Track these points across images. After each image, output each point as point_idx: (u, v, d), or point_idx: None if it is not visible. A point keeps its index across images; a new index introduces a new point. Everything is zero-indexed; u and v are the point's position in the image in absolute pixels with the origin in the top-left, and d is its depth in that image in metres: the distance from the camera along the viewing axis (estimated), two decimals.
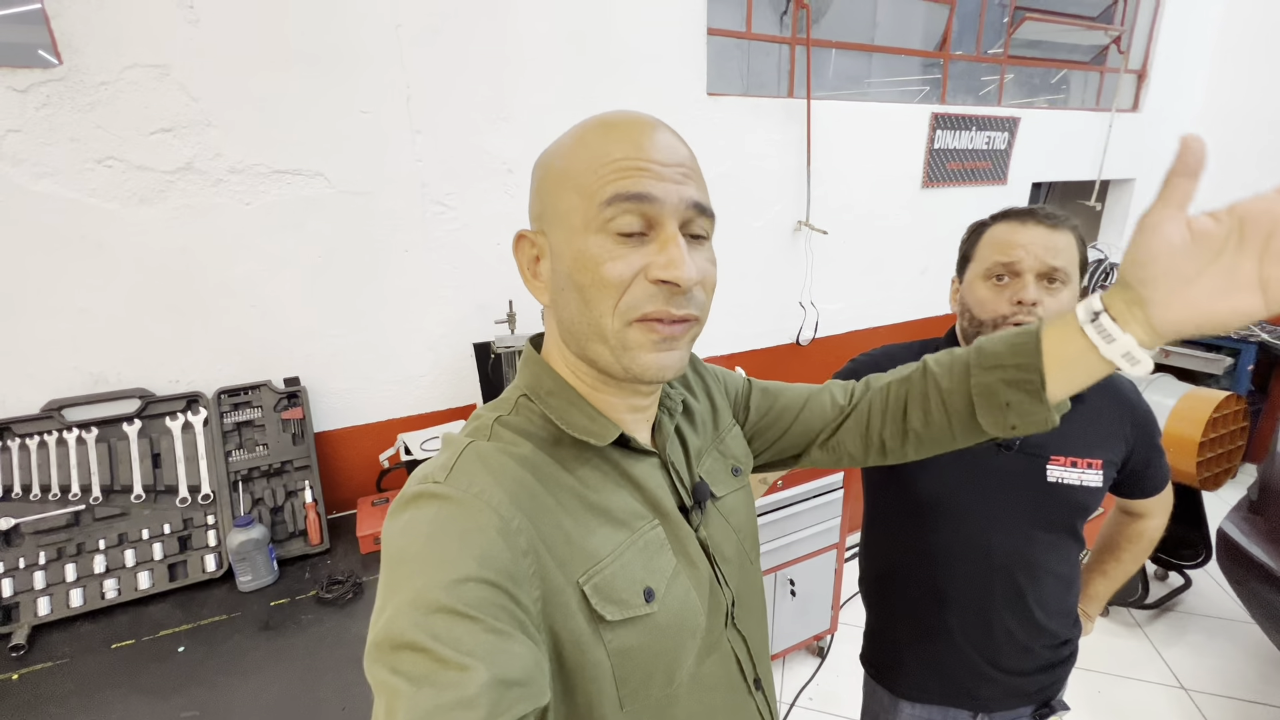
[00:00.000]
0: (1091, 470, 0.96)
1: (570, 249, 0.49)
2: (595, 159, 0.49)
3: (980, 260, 0.97)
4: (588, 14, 1.78)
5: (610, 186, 0.47)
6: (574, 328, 0.52)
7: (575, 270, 0.49)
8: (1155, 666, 2.17)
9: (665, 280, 0.48)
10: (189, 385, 1.50)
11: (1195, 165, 0.45)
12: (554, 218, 0.51)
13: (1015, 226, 0.93)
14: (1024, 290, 0.90)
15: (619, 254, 0.48)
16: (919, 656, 1.07)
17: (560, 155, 0.52)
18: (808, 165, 2.28)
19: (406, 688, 0.37)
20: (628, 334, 0.50)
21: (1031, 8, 2.81)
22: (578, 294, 0.50)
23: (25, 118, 1.26)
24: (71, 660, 1.17)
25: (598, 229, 0.48)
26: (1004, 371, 0.60)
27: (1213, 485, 2.34)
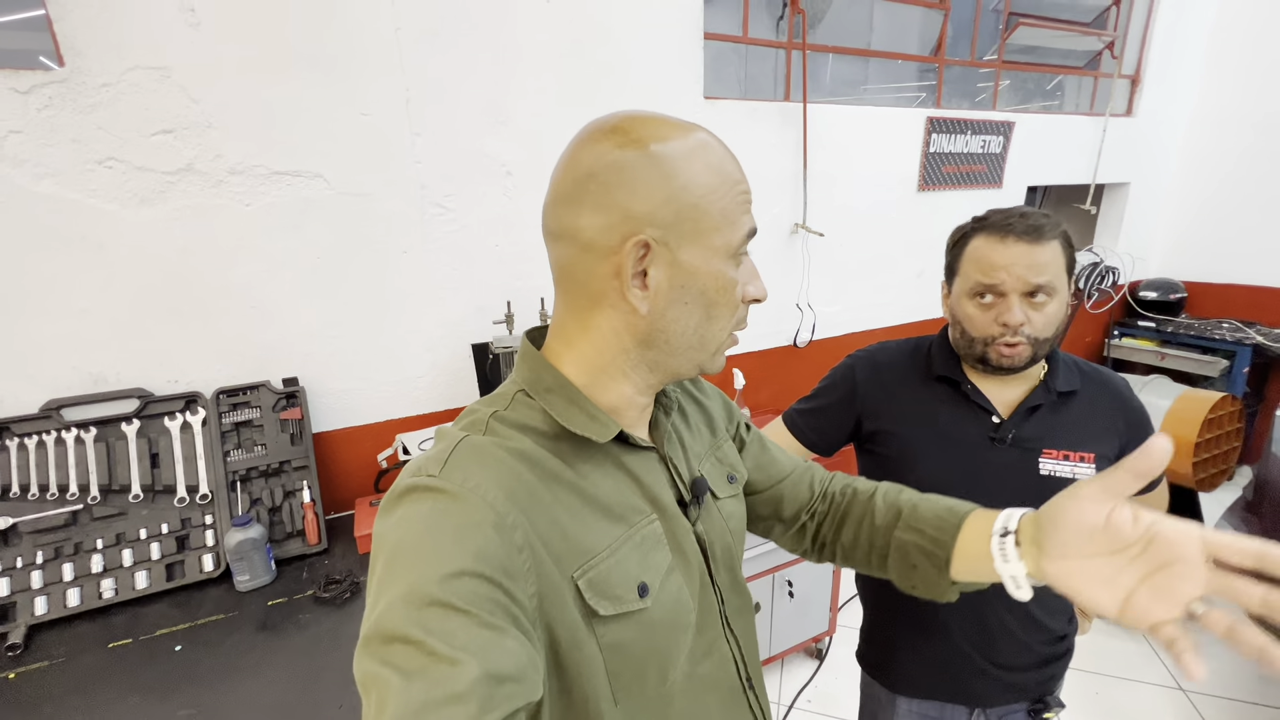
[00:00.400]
0: (1084, 464, 0.97)
1: (710, 268, 0.52)
2: (728, 186, 0.52)
3: (964, 277, 0.97)
4: (586, 18, 1.80)
5: (746, 221, 0.54)
6: (680, 340, 0.54)
7: (714, 289, 0.53)
8: (1154, 667, 2.17)
9: (756, 299, 0.57)
10: (188, 385, 1.50)
11: (1149, 470, 0.47)
12: (693, 233, 0.51)
13: (995, 244, 0.93)
14: (1009, 314, 0.91)
15: (739, 278, 0.55)
16: (915, 652, 1.08)
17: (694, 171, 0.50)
18: (804, 168, 2.29)
19: (398, 681, 0.37)
20: (726, 342, 0.57)
21: (1025, 14, 2.84)
22: (705, 310, 0.53)
23: (27, 119, 1.27)
24: (68, 660, 1.17)
25: (733, 255, 0.53)
26: (921, 538, 0.67)
27: (1209, 486, 2.35)
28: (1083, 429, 0.99)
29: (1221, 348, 3.16)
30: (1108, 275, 3.39)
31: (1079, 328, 3.49)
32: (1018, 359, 0.93)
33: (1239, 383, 3.08)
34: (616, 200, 0.49)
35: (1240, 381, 3.08)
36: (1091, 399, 1.01)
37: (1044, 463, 0.97)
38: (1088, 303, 3.38)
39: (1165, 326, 3.40)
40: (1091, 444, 0.98)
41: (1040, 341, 0.93)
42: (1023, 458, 0.98)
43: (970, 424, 1.00)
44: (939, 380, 1.04)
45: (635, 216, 0.49)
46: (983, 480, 0.98)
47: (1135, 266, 3.60)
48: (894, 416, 1.06)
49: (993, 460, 0.98)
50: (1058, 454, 0.97)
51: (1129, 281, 3.58)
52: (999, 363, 0.95)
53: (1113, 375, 1.06)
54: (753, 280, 0.57)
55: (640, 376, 0.56)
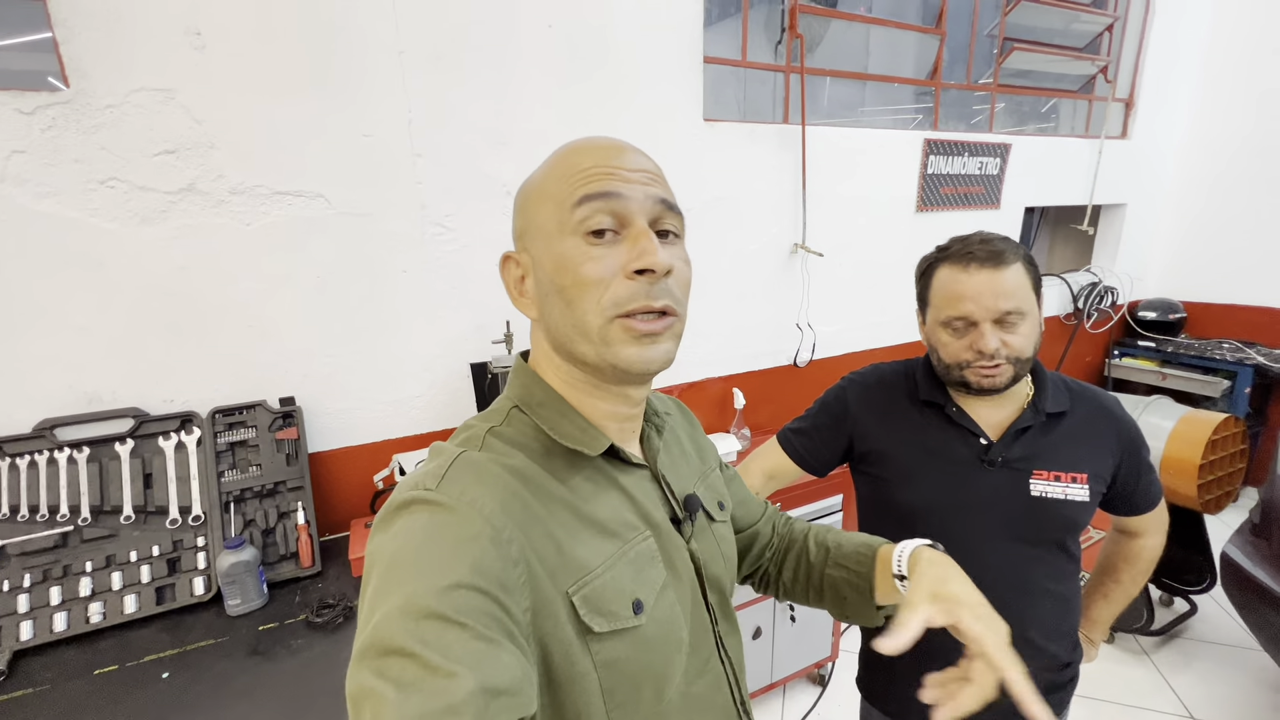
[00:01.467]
0: (1076, 484, 0.96)
1: (550, 255, 0.52)
2: (566, 171, 0.52)
3: (935, 308, 0.98)
4: (587, 42, 1.82)
5: (580, 190, 0.51)
6: (560, 331, 0.53)
7: (556, 274, 0.51)
8: (1164, 696, 2.12)
9: (640, 270, 0.50)
10: (184, 404, 1.49)
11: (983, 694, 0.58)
12: (533, 232, 0.54)
13: (959, 274, 0.94)
14: (982, 340, 0.92)
15: (595, 254, 0.50)
16: (913, 678, 1.05)
17: (535, 176, 0.56)
18: (803, 189, 2.31)
19: (393, 694, 0.37)
20: (609, 331, 0.51)
21: (1020, 39, 2.88)
22: (560, 297, 0.52)
23: (30, 139, 1.27)
24: (53, 687, 1.14)
25: (571, 231, 0.51)
26: (848, 573, 0.73)
27: (1214, 508, 2.32)
28: (1074, 449, 0.98)
29: (1223, 368, 3.16)
30: (1106, 295, 3.40)
31: (1079, 347, 3.49)
32: (999, 380, 0.94)
33: (1241, 403, 3.07)
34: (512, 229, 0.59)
35: (1242, 402, 3.07)
36: (1082, 418, 1.01)
37: (1035, 484, 0.97)
38: (1087, 322, 3.39)
39: (1165, 346, 3.40)
40: (1084, 464, 0.98)
41: (1021, 361, 0.93)
42: (1013, 479, 0.97)
43: (960, 446, 1.00)
44: (926, 404, 1.04)
45: (514, 238, 0.58)
46: (975, 502, 0.98)
47: (1134, 286, 3.61)
48: (886, 439, 1.06)
49: (984, 482, 0.98)
50: (1048, 475, 0.97)
51: (1128, 301, 3.59)
52: (980, 385, 0.95)
53: (1102, 393, 1.05)
54: (636, 250, 0.50)
55: (578, 378, 0.56)
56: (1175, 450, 2.31)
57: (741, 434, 2.18)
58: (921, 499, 1.00)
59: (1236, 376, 3.09)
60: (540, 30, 1.74)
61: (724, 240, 2.20)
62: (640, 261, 0.50)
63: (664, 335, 0.53)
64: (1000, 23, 2.84)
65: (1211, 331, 3.49)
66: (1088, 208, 3.29)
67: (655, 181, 0.54)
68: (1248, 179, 3.30)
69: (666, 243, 0.54)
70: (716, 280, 2.20)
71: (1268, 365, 3.01)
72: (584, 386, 0.56)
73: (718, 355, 2.30)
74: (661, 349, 0.53)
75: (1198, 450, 2.25)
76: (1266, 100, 3.20)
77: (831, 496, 2.00)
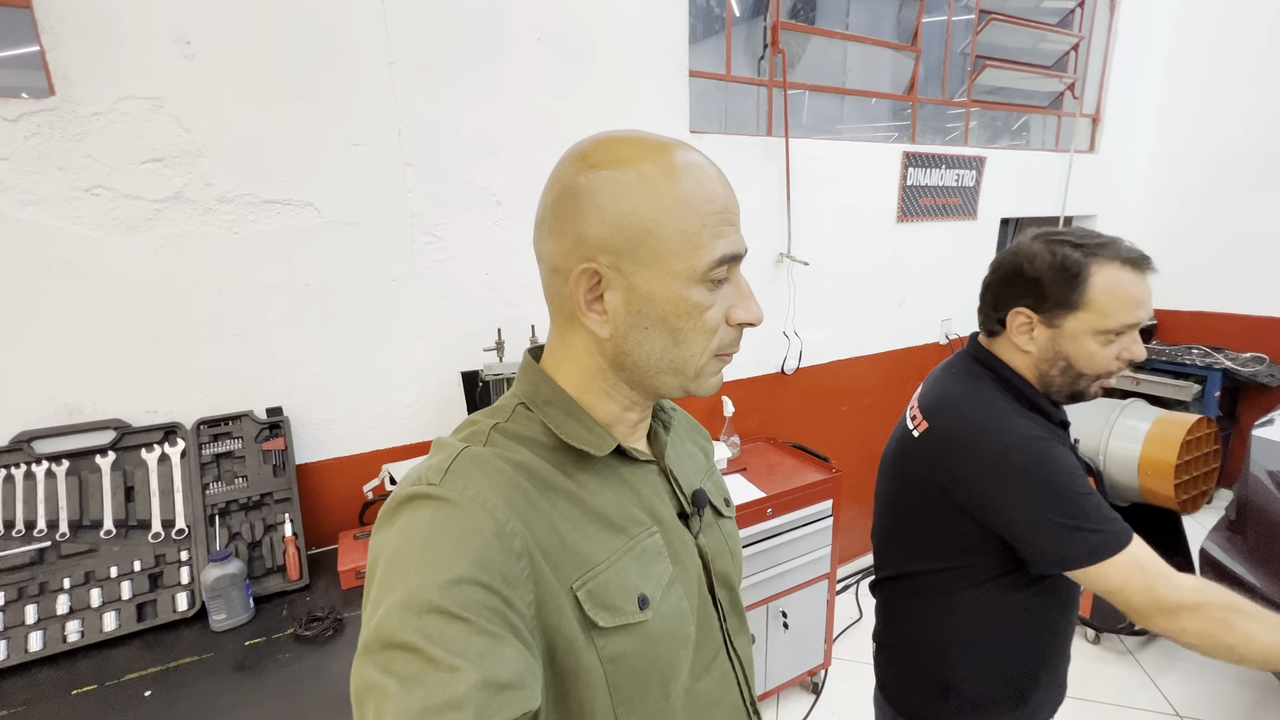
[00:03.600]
0: None
1: (669, 293, 0.51)
2: (696, 206, 0.50)
3: (1099, 313, 0.86)
4: (575, 55, 1.85)
5: (719, 245, 0.51)
6: (649, 363, 0.53)
7: (675, 315, 0.51)
8: (1150, 694, 2.16)
9: (746, 323, 0.55)
10: (168, 415, 1.46)
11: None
12: (647, 258, 0.50)
13: (1135, 278, 0.85)
14: (1137, 349, 0.87)
15: (713, 301, 0.52)
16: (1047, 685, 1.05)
17: (649, 194, 0.49)
18: (788, 200, 2.36)
19: (396, 688, 0.37)
20: (708, 365, 0.55)
21: (991, 57, 2.99)
22: (670, 335, 0.52)
23: (14, 146, 1.25)
24: (27, 709, 1.10)
25: (700, 280, 0.51)
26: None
27: (1191, 508, 2.38)
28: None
29: (1193, 372, 3.26)
30: None
31: None
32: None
33: (1212, 406, 3.17)
34: (573, 225, 0.50)
35: (1213, 405, 3.16)
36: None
37: None
38: None
39: None
40: None
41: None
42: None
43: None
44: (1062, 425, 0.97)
45: (588, 242, 0.50)
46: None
47: None
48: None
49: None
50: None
51: None
52: (1095, 395, 0.93)
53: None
54: (742, 303, 0.54)
55: (623, 394, 0.56)
56: (1152, 452, 2.37)
57: (731, 441, 2.19)
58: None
59: (1206, 380, 3.19)
60: (530, 43, 1.77)
61: None
62: (750, 317, 0.54)
63: None
64: (972, 41, 2.95)
65: (1181, 337, 3.61)
66: (1060, 219, 3.40)
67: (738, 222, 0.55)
68: (1211, 191, 3.44)
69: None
70: None
71: (1235, 369, 3.11)
72: (603, 391, 0.56)
73: None
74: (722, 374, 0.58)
75: (1174, 451, 2.31)
76: (1226, 116, 3.35)
77: (821, 501, 2.01)
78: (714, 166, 0.53)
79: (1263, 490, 1.79)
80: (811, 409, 2.60)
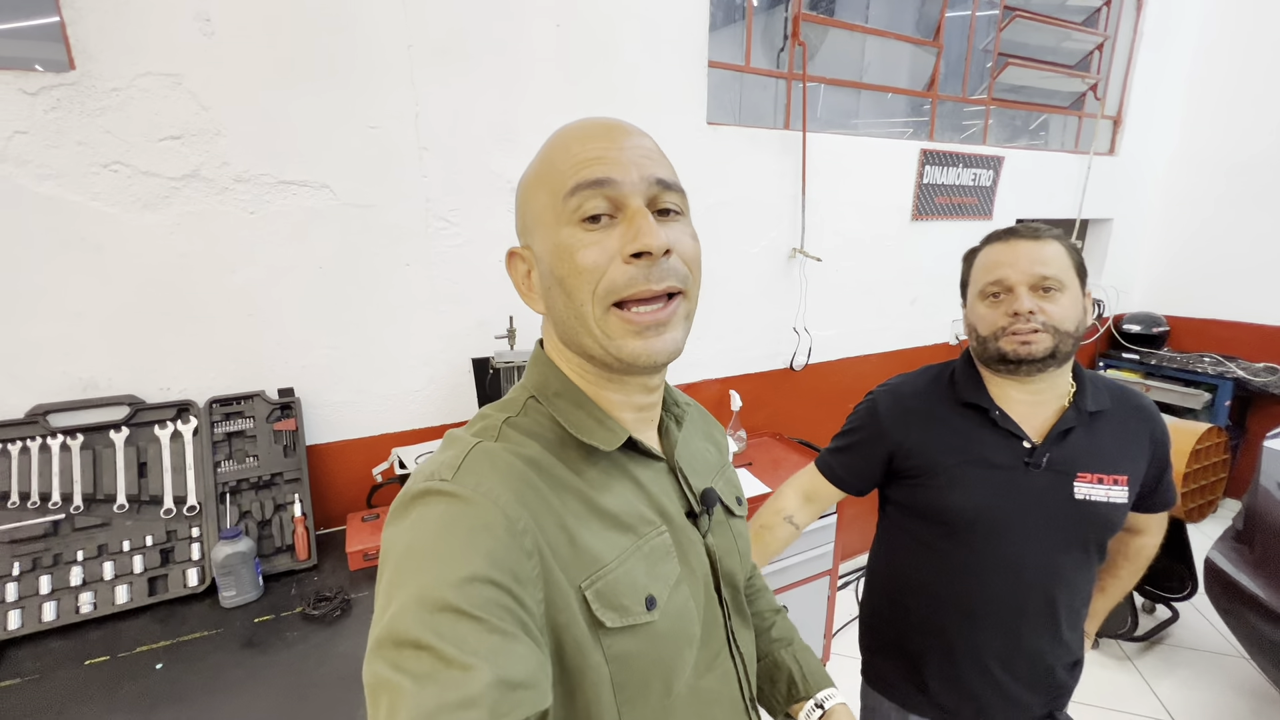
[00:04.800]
0: (1118, 486, 0.96)
1: (548, 246, 0.51)
2: (559, 159, 0.51)
3: (975, 283, 1.01)
4: (594, 42, 1.83)
5: (572, 178, 0.49)
6: (564, 322, 0.53)
7: (555, 264, 0.51)
8: (1147, 700, 2.16)
9: (636, 253, 0.48)
10: (181, 393, 1.47)
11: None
12: (533, 224, 0.53)
13: (1001, 246, 0.97)
14: (1017, 302, 0.92)
15: (590, 240, 0.49)
16: (940, 672, 1.06)
17: (531, 167, 0.55)
18: (802, 195, 2.34)
19: (410, 686, 0.37)
20: (608, 322, 0.50)
21: (1014, 54, 2.95)
22: (560, 288, 0.51)
23: (33, 120, 1.25)
24: (42, 677, 1.12)
25: (567, 220, 0.50)
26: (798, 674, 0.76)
27: (1197, 517, 2.37)
28: (1115, 450, 0.98)
29: (1204, 381, 3.23)
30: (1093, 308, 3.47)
31: None
32: (1036, 348, 0.91)
33: (1221, 415, 3.14)
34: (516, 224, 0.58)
35: (1223, 414, 3.14)
36: (1122, 418, 1.00)
37: (1079, 486, 0.96)
38: None
39: (1149, 359, 3.48)
40: (1124, 466, 0.97)
41: (1060, 333, 0.92)
42: (1057, 482, 0.96)
43: (1003, 450, 0.99)
44: (967, 406, 1.02)
45: (517, 234, 0.58)
46: (1018, 506, 0.97)
47: (1119, 300, 3.69)
48: (926, 446, 1.04)
49: (1028, 485, 0.97)
50: (1092, 477, 0.96)
51: (1113, 314, 3.67)
52: (1017, 354, 0.93)
53: (1138, 393, 1.05)
54: (631, 232, 0.48)
55: (587, 370, 0.56)
56: None
57: (738, 436, 2.19)
58: (966, 504, 0.99)
59: (1217, 389, 3.17)
60: (548, 28, 1.75)
61: (723, 243, 2.22)
62: (635, 244, 0.48)
63: (670, 322, 0.51)
64: (995, 38, 2.90)
65: (1193, 345, 3.58)
66: (1076, 222, 3.36)
67: (651, 159, 0.51)
68: (1230, 197, 3.39)
69: (667, 220, 0.51)
70: (716, 283, 2.22)
71: (1247, 379, 3.09)
72: (597, 379, 0.56)
73: (716, 357, 2.31)
74: (667, 339, 0.51)
75: (1182, 459, 2.30)
76: (1249, 122, 3.29)
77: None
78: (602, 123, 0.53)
79: (1272, 502, 1.78)
80: (819, 406, 2.59)
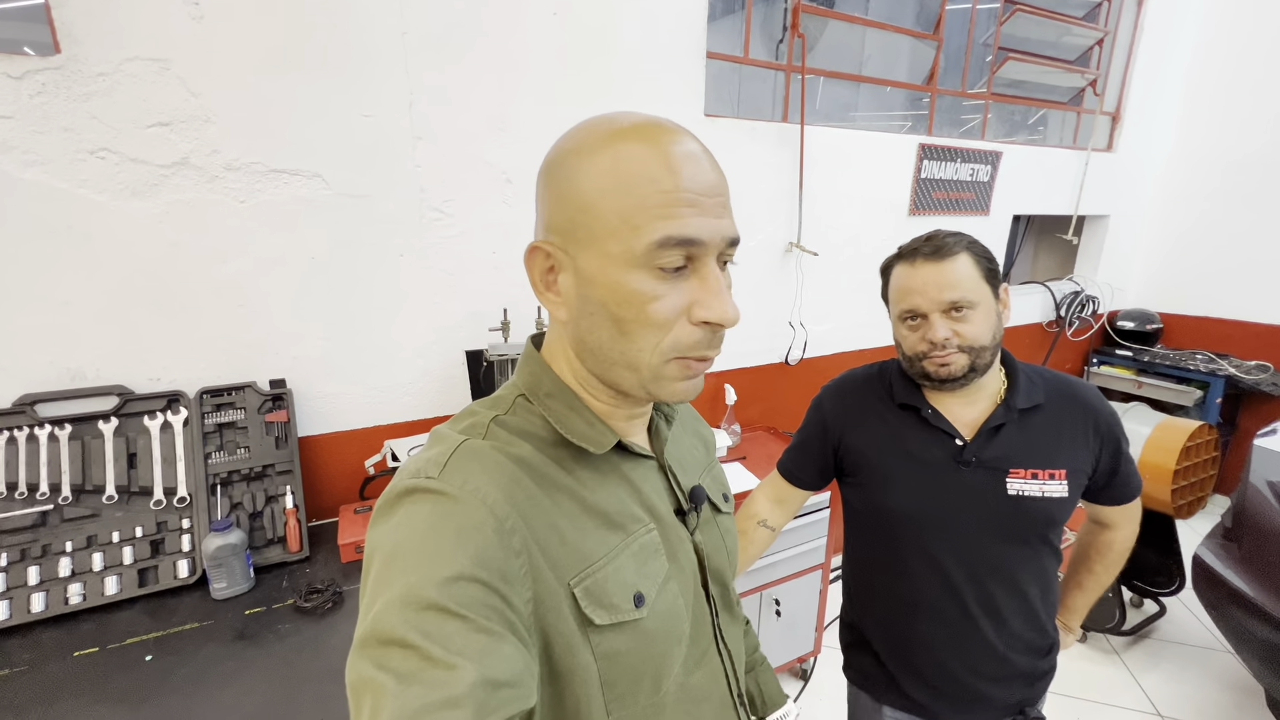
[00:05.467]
0: (1054, 480, 0.97)
1: (607, 278, 0.47)
2: (644, 187, 0.46)
3: (892, 304, 1.03)
4: (591, 31, 1.81)
5: (660, 226, 0.45)
6: (601, 353, 0.50)
7: (614, 303, 0.47)
8: (1133, 693, 2.19)
9: (710, 322, 0.48)
10: (170, 384, 1.46)
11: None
12: (586, 238, 0.47)
13: (908, 270, 0.98)
14: (932, 331, 0.95)
15: (662, 291, 0.47)
16: (900, 665, 1.09)
17: (590, 171, 0.47)
18: (800, 188, 2.32)
19: (393, 685, 0.37)
20: (664, 369, 0.50)
21: (1014, 49, 2.93)
22: (614, 326, 0.48)
23: (18, 105, 1.23)
24: (31, 668, 1.11)
25: (641, 263, 0.46)
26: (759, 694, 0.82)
27: (1186, 514, 2.39)
28: (1051, 444, 0.99)
29: (1196, 378, 3.25)
30: (1088, 304, 3.48)
31: (1060, 354, 3.57)
32: (954, 368, 0.95)
33: (1213, 412, 3.16)
34: (539, 207, 0.52)
35: (1214, 411, 3.16)
36: (1058, 412, 1.01)
37: (1011, 483, 0.98)
38: (1069, 330, 3.46)
39: (1142, 356, 3.49)
40: (1061, 460, 0.98)
41: (976, 349, 0.94)
42: (989, 479, 0.98)
43: (936, 447, 1.01)
44: (901, 406, 1.05)
45: (543, 221, 0.51)
46: (953, 503, 0.99)
47: (1114, 296, 3.70)
48: (863, 443, 1.07)
49: (961, 482, 0.99)
50: (1025, 473, 0.98)
51: (1108, 311, 3.68)
52: (938, 375, 0.97)
53: (1079, 383, 1.05)
54: (706, 299, 0.48)
55: (597, 387, 0.55)
56: (1151, 456, 2.37)
57: (732, 430, 2.19)
58: (900, 503, 1.02)
59: (1209, 386, 3.19)
60: (545, 17, 1.73)
61: None
62: (713, 316, 0.47)
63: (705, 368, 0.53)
64: (995, 32, 2.89)
65: (1186, 342, 3.59)
66: (1072, 218, 3.36)
67: (726, 209, 0.50)
68: (1226, 196, 3.40)
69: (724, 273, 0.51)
70: None
71: (1239, 376, 3.10)
72: (599, 392, 0.55)
73: None
74: (700, 380, 0.53)
75: (1173, 456, 2.31)
76: (1247, 120, 3.29)
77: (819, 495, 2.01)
78: (684, 147, 0.48)
79: (1261, 500, 1.80)
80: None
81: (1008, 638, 1.02)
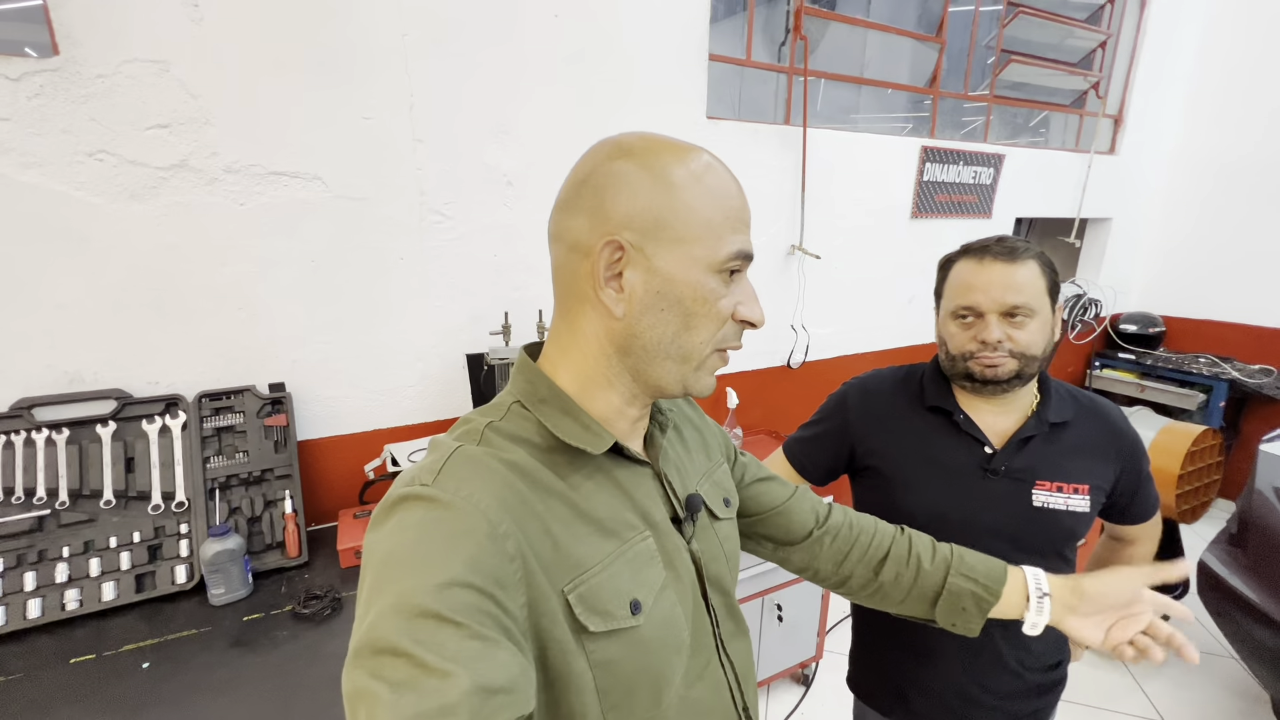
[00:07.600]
0: (1078, 495, 0.97)
1: (689, 276, 0.52)
2: (722, 200, 0.53)
3: (948, 299, 1.01)
4: (593, 34, 1.80)
5: (734, 240, 0.53)
6: (655, 348, 0.54)
7: (691, 298, 0.52)
8: (1136, 699, 2.17)
9: (748, 321, 0.57)
10: (169, 387, 1.45)
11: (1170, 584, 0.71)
12: (671, 240, 0.51)
13: (974, 266, 0.96)
14: (986, 331, 0.94)
15: (724, 292, 0.54)
16: (909, 679, 1.07)
17: (687, 180, 0.52)
18: (802, 191, 2.32)
19: (387, 694, 0.37)
20: (710, 359, 0.56)
21: (1016, 52, 2.92)
22: (683, 318, 0.53)
23: (16, 106, 1.22)
24: (26, 676, 1.10)
25: (716, 267, 0.53)
26: (974, 585, 0.76)
27: (1190, 518, 2.38)
28: (1076, 460, 0.99)
29: (1199, 382, 3.24)
30: (1090, 307, 3.47)
31: (1062, 358, 3.55)
32: (1001, 371, 0.94)
33: (1216, 416, 3.15)
34: (602, 203, 0.51)
35: (1217, 415, 3.15)
36: (1085, 429, 1.01)
37: (1037, 494, 0.97)
38: (1071, 333, 3.45)
39: (1144, 359, 3.48)
40: (1085, 475, 0.98)
41: (1027, 358, 0.94)
42: (1015, 489, 0.98)
43: (963, 454, 1.00)
44: (931, 410, 1.04)
45: (615, 218, 0.51)
46: (975, 510, 0.98)
47: (1116, 299, 3.69)
48: (887, 445, 1.06)
49: (986, 491, 0.98)
50: (1050, 485, 0.97)
51: (1110, 314, 3.67)
52: (982, 375, 0.95)
53: (1107, 404, 1.06)
54: (748, 301, 0.56)
55: (624, 385, 0.56)
56: (1155, 461, 2.36)
57: (734, 433, 2.18)
58: (923, 506, 1.00)
59: (1212, 390, 3.18)
60: (546, 19, 1.72)
61: None
62: (753, 316, 0.56)
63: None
64: (998, 34, 2.88)
65: (1189, 346, 3.58)
66: (1075, 221, 3.35)
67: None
68: (1229, 199, 3.39)
69: None
70: None
71: (1242, 380, 3.09)
72: (606, 380, 0.55)
73: None
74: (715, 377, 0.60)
75: (1177, 461, 2.30)
76: (1249, 123, 3.29)
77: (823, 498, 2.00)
78: (732, 174, 0.56)
79: (1267, 506, 1.78)
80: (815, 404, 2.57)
81: (1021, 652, 1.01)
